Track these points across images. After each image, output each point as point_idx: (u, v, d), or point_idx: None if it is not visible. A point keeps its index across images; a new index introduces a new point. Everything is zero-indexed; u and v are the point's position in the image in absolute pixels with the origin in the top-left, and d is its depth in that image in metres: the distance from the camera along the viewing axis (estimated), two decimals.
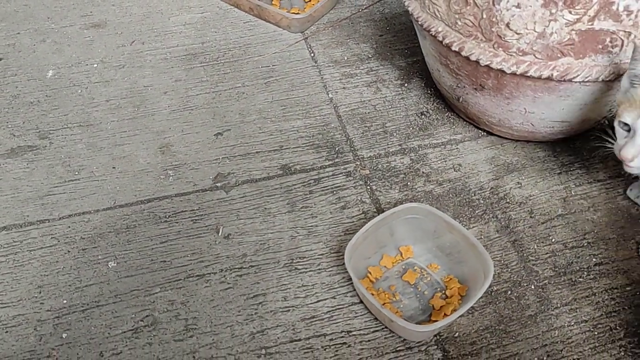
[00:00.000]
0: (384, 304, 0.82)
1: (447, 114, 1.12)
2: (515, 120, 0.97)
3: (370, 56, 1.24)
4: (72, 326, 0.83)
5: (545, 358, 0.79)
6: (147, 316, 0.85)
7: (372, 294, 0.82)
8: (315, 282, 0.88)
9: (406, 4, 0.94)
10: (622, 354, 0.79)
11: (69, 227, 0.95)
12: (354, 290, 0.86)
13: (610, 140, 0.78)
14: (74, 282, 0.88)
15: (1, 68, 1.22)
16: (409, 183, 1.01)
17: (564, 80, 0.81)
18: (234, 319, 0.84)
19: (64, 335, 0.83)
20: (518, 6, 0.75)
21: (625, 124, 0.74)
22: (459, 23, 0.83)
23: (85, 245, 0.93)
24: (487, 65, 0.85)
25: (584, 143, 1.05)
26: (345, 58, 1.24)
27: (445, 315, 0.80)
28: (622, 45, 0.78)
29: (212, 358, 0.80)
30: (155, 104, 1.14)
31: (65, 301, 0.86)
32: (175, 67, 1.22)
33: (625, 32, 0.76)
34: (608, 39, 0.77)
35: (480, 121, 1.04)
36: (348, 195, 0.99)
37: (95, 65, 1.22)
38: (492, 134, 1.07)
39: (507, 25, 0.78)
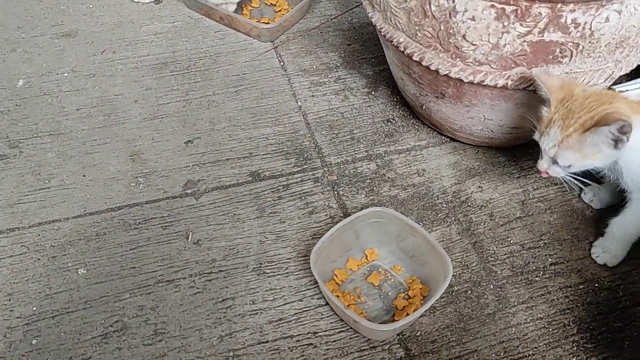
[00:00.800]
0: (348, 305, 0.84)
1: (412, 121, 1.16)
2: (475, 127, 1.01)
3: (338, 65, 1.28)
4: (42, 332, 0.84)
5: (502, 354, 0.83)
6: (116, 321, 0.86)
7: (337, 296, 0.85)
8: (283, 286, 0.90)
9: (370, 15, 0.97)
10: (575, 349, 0.83)
11: (39, 235, 0.96)
12: (321, 292, 0.89)
13: None
14: (43, 289, 0.89)
15: None
16: (374, 188, 1.04)
17: (518, 89, 0.85)
18: (203, 323, 0.86)
19: (34, 342, 0.83)
20: (473, 19, 0.79)
21: None
22: (419, 34, 0.87)
23: (55, 252, 0.94)
24: (446, 75, 0.88)
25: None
26: (314, 67, 1.27)
27: (408, 314, 0.83)
28: (571, 56, 0.82)
29: None
30: (126, 113, 1.16)
31: (35, 308, 0.87)
32: (146, 75, 1.23)
33: (573, 43, 0.81)
34: (558, 50, 0.81)
35: (443, 128, 1.08)
36: (316, 201, 1.02)
37: (66, 75, 1.23)
38: (455, 140, 1.11)
39: (464, 36, 0.82)
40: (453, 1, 0.79)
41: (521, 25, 0.78)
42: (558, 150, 0.80)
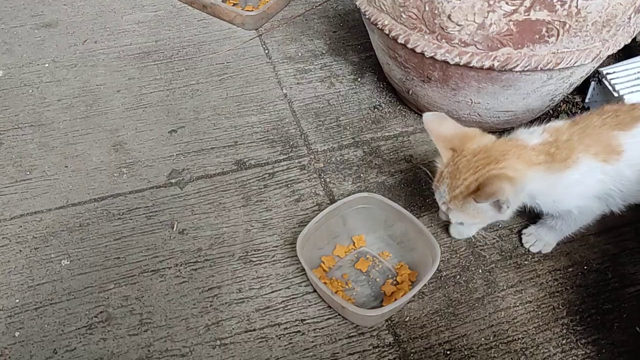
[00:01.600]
0: (336, 292, 0.83)
1: (399, 107, 1.15)
2: (462, 111, 1.00)
3: (324, 52, 1.26)
4: (25, 325, 0.83)
5: (492, 338, 0.82)
6: (101, 312, 0.84)
7: (325, 283, 0.84)
8: (270, 274, 0.89)
9: None
10: (565, 331, 0.83)
11: (21, 226, 0.94)
12: (308, 280, 0.88)
13: None
14: (26, 281, 0.87)
15: None
16: (362, 175, 1.03)
17: (505, 70, 0.84)
18: (189, 312, 0.85)
19: (17, 334, 0.82)
20: None
21: None
22: (404, 16, 0.86)
23: (38, 244, 0.92)
24: (432, 57, 0.87)
25: None
26: (300, 54, 1.26)
27: (396, 299, 0.82)
28: (558, 35, 0.81)
29: (167, 351, 0.81)
30: (109, 103, 1.14)
31: (17, 300, 0.85)
32: (129, 65, 1.21)
33: (560, 21, 0.80)
34: (544, 29, 0.80)
35: None
36: (302, 188, 1.01)
37: (47, 65, 1.20)
38: None
39: (449, 17, 0.81)
40: None
41: (507, 3, 0.77)
42: (448, 208, 0.77)
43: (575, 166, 0.74)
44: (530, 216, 0.91)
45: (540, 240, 0.90)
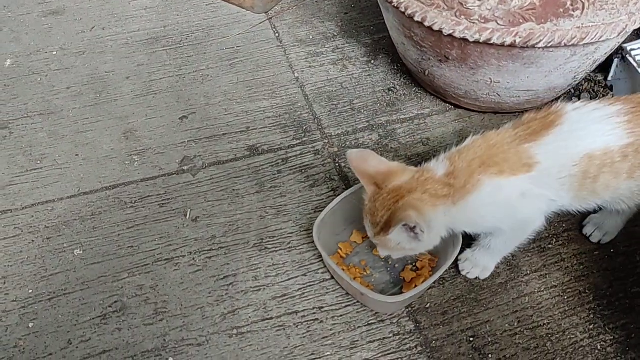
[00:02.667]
0: (354, 279, 0.81)
1: (414, 89, 1.12)
2: (481, 92, 0.97)
3: (335, 34, 1.23)
4: (39, 315, 0.82)
5: (516, 324, 0.80)
6: (115, 302, 0.83)
7: (343, 269, 0.81)
8: (285, 261, 0.87)
9: None
10: (592, 316, 0.80)
11: (33, 216, 0.93)
12: (325, 267, 0.86)
13: None
14: (39, 271, 0.86)
15: None
16: None
17: (527, 47, 0.81)
18: (205, 301, 0.83)
19: (31, 325, 0.81)
20: None
21: None
22: None
23: (50, 234, 0.90)
24: (450, 35, 0.84)
25: None
26: (311, 37, 1.23)
27: (416, 286, 0.80)
28: (583, 8, 0.78)
29: (182, 340, 0.79)
30: (118, 90, 1.12)
31: (30, 291, 0.84)
32: (137, 51, 1.19)
33: None
34: (569, 2, 0.77)
35: (447, 94, 1.04)
36: (317, 174, 0.98)
37: (55, 53, 1.19)
38: (459, 107, 1.07)
39: None
40: None
41: None
42: (375, 242, 0.75)
43: (477, 189, 0.70)
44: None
45: (476, 266, 0.84)
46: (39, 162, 1.00)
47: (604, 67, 1.06)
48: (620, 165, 0.72)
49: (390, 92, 1.12)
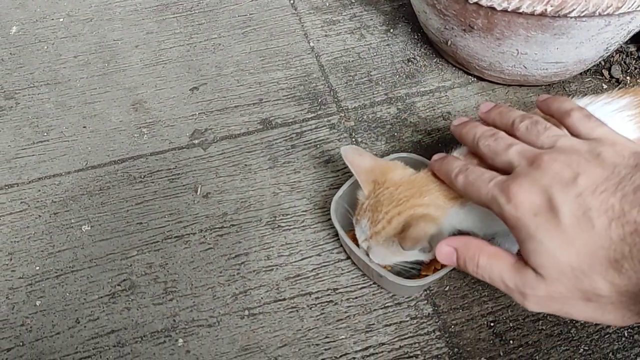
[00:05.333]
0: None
1: (435, 60, 1.06)
2: (506, 63, 0.91)
3: (353, 1, 1.18)
4: (46, 293, 0.80)
5: None
6: (124, 280, 0.81)
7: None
8: (299, 240, 0.84)
9: None
10: None
11: (39, 190, 0.90)
12: (340, 246, 0.83)
13: None
14: (46, 247, 0.84)
15: None
16: (395, 134, 0.96)
17: (559, 16, 0.76)
18: (215, 280, 0.80)
19: (38, 303, 0.79)
20: None
21: None
22: None
23: (57, 209, 0.88)
24: (476, 3, 0.79)
25: (579, 86, 1.00)
26: (327, 4, 1.17)
27: (436, 269, 0.77)
28: None
29: (193, 321, 0.77)
30: (126, 59, 1.08)
31: (37, 267, 0.82)
32: (147, 18, 1.14)
33: None
34: None
35: (470, 66, 0.98)
36: (332, 149, 0.94)
37: (62, 20, 1.14)
38: (482, 79, 1.02)
39: None
40: None
41: None
42: (369, 246, 0.69)
43: None
44: None
45: None
46: (45, 134, 0.97)
47: (636, 38, 1.00)
48: None
49: (410, 63, 1.06)
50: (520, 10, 0.76)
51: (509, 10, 0.76)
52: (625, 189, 0.48)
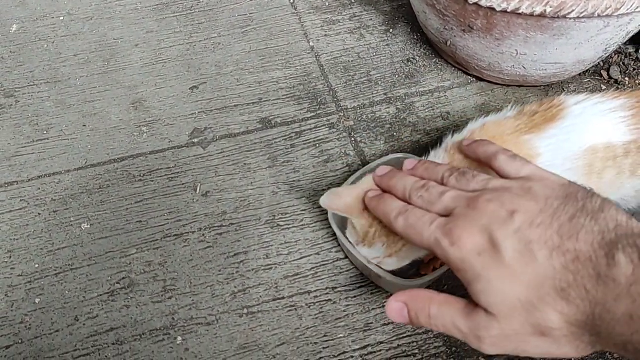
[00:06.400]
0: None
1: (434, 60, 1.07)
2: (506, 64, 0.92)
3: (353, 1, 1.18)
4: (45, 291, 0.80)
5: None
6: (123, 278, 0.81)
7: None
8: (298, 239, 0.84)
9: None
10: None
11: (39, 188, 0.90)
12: (339, 245, 0.83)
13: None
14: (45, 245, 0.84)
15: None
16: (395, 134, 0.96)
17: (558, 17, 0.76)
18: (215, 279, 0.81)
19: (37, 301, 0.79)
20: None
21: None
22: None
23: (57, 207, 0.88)
24: (475, 3, 0.79)
25: (578, 87, 1.01)
26: (327, 4, 1.17)
27: (435, 268, 0.77)
28: None
29: (192, 319, 0.77)
30: (127, 58, 1.08)
31: (37, 265, 0.82)
32: (147, 17, 1.15)
33: None
34: None
35: (469, 66, 0.99)
36: (331, 148, 0.95)
37: (62, 18, 1.15)
38: (482, 79, 1.02)
39: None
40: None
41: None
42: (382, 260, 0.70)
43: None
44: None
45: None
46: (45, 132, 0.97)
47: (635, 39, 1.00)
48: (623, 161, 0.68)
49: (410, 63, 1.07)
50: (520, 11, 0.76)
51: (508, 11, 0.77)
52: (561, 219, 0.48)
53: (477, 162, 0.65)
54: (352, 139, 0.96)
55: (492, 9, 0.78)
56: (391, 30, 1.12)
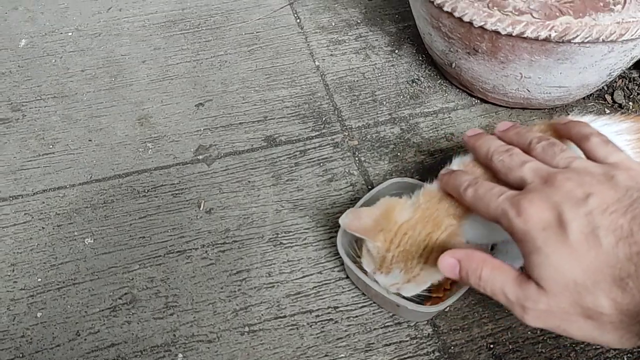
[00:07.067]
0: None
1: (439, 81, 1.08)
2: (510, 86, 0.92)
3: (359, 22, 1.19)
4: (47, 305, 0.80)
5: (538, 332, 0.76)
6: (125, 294, 0.81)
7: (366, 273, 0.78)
8: (301, 257, 0.84)
9: None
10: None
11: (44, 202, 0.91)
12: (341, 265, 0.83)
13: None
14: (48, 259, 0.84)
15: None
16: (399, 154, 0.97)
17: (563, 42, 0.77)
18: (217, 296, 0.80)
19: (39, 315, 0.79)
20: None
21: None
22: None
23: (61, 221, 0.88)
24: (481, 27, 0.80)
25: (581, 110, 1.01)
26: (333, 24, 1.19)
27: (445, 289, 0.77)
28: (624, 3, 0.73)
29: (193, 336, 0.77)
30: (133, 74, 1.09)
31: (39, 279, 0.82)
32: (154, 34, 1.16)
33: None
34: None
35: (473, 88, 0.99)
36: (335, 167, 0.95)
37: (70, 34, 1.16)
38: (486, 101, 1.03)
39: None
40: None
41: None
42: (401, 287, 0.69)
43: None
44: None
45: None
46: (51, 146, 0.98)
47: (639, 64, 1.01)
48: None
49: (414, 83, 1.08)
50: (525, 35, 0.77)
51: (513, 34, 0.78)
52: (636, 211, 0.48)
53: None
54: (356, 159, 0.96)
55: (497, 33, 0.79)
56: (396, 51, 1.13)
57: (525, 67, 0.85)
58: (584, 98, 1.01)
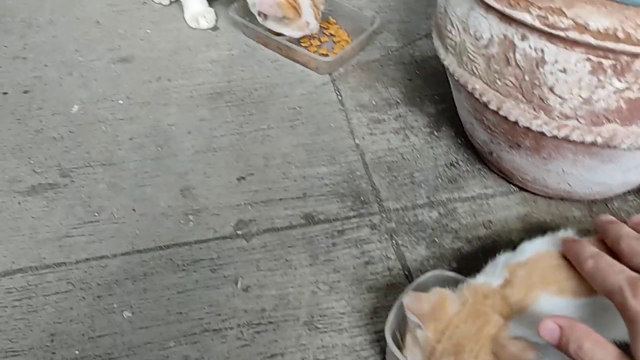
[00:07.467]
0: None
1: (477, 166, 1.08)
2: (551, 180, 0.93)
3: (398, 101, 1.22)
4: None
5: None
6: None
7: None
8: (335, 343, 0.84)
9: (442, 58, 0.91)
10: None
11: (86, 271, 0.92)
12: (378, 354, 0.82)
13: None
14: (87, 331, 0.85)
15: (26, 101, 1.21)
16: (436, 239, 0.97)
17: (608, 147, 0.77)
18: None
19: None
20: (564, 71, 0.72)
21: None
22: (499, 82, 0.80)
23: (101, 292, 0.90)
24: (526, 127, 0.81)
25: (621, 204, 1.01)
26: (373, 102, 1.21)
27: None
28: None
29: None
30: (179, 144, 1.12)
31: (77, 352, 0.83)
32: (201, 105, 1.20)
33: None
34: None
35: (513, 177, 1.00)
36: (372, 250, 0.95)
37: (121, 102, 1.21)
38: (525, 190, 1.03)
39: (551, 89, 0.74)
40: (541, 51, 0.72)
41: (619, 80, 0.70)
42: None
43: (533, 304, 0.67)
44: None
45: None
46: (96, 214, 1.00)
47: None
48: None
49: (453, 167, 1.09)
50: (570, 139, 0.78)
51: (559, 137, 0.78)
52: None
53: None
54: (393, 242, 0.97)
55: (542, 134, 0.80)
56: (435, 133, 1.15)
57: (568, 165, 0.86)
58: (623, 194, 1.01)
